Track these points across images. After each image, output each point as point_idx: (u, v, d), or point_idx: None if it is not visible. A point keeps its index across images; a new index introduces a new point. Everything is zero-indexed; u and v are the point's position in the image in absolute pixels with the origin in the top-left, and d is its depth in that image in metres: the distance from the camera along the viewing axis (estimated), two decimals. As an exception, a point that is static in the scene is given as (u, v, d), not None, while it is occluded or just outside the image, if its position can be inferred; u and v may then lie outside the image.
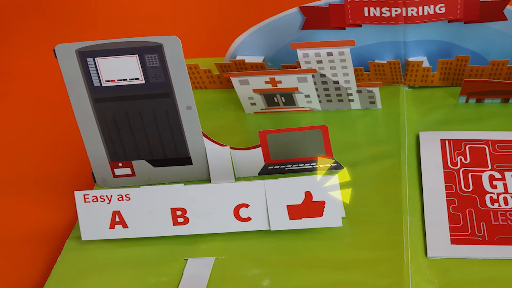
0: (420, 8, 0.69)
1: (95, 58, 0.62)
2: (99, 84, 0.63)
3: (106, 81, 0.63)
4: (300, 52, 0.68)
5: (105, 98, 0.64)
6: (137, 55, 0.62)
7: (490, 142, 0.68)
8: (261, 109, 0.76)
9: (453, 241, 0.57)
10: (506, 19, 0.70)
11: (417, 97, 0.78)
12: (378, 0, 0.69)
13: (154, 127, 0.65)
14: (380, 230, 0.58)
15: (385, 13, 0.70)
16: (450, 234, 0.58)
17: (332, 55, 0.68)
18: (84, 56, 0.62)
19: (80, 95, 0.64)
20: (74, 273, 0.57)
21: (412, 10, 0.69)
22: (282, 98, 0.74)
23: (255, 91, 0.72)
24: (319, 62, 0.69)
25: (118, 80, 0.63)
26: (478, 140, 0.69)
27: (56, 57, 0.62)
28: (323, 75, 0.71)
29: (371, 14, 0.71)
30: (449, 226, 0.59)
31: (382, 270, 0.53)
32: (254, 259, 0.56)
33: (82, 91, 0.64)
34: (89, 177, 0.68)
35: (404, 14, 0.69)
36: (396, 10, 0.69)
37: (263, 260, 0.56)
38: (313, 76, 0.70)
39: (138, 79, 0.63)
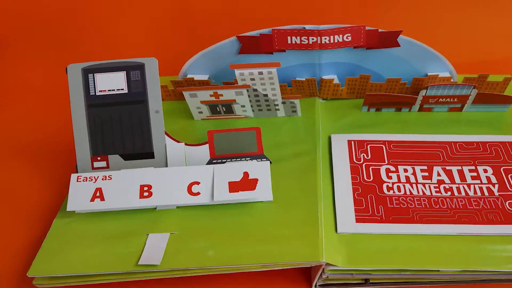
0: (332, 37, 0.74)
1: (95, 74, 0.71)
2: (93, 93, 0.71)
3: (99, 91, 0.71)
4: (237, 72, 0.73)
5: (96, 104, 0.70)
6: (125, 72, 0.71)
7: (386, 142, 0.74)
8: (207, 116, 0.80)
9: (357, 220, 0.63)
10: (399, 45, 0.76)
11: (329, 107, 0.83)
12: (298, 31, 0.73)
13: (129, 127, 0.70)
14: (300, 212, 0.63)
15: (304, 41, 0.74)
16: (355, 214, 0.64)
17: (262, 74, 0.73)
18: (87, 72, 0.71)
19: (79, 102, 0.70)
20: (61, 244, 0.62)
21: (325, 38, 0.73)
22: (223, 108, 0.79)
23: (201, 102, 0.77)
24: (252, 79, 0.73)
25: (108, 90, 0.71)
26: (377, 141, 0.75)
27: (66, 73, 0.71)
28: (255, 90, 0.75)
29: (293, 42, 0.75)
30: (354, 208, 0.65)
31: (302, 243, 0.59)
32: (201, 234, 0.61)
33: (80, 99, 0.71)
34: (72, 168, 0.73)
35: (319, 42, 0.74)
36: (312, 39, 0.74)
37: (209, 235, 0.61)
38: (247, 90, 0.75)
39: (123, 89, 0.71)
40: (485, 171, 0.70)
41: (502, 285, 0.61)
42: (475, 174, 0.70)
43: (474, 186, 0.68)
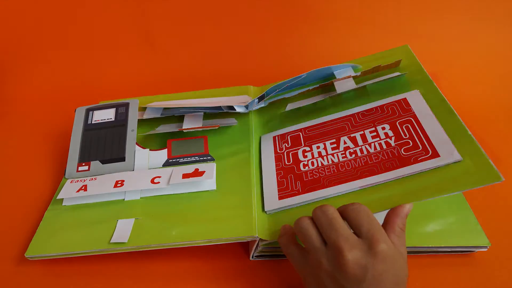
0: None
1: (94, 111, 0.85)
2: (90, 122, 0.82)
3: (94, 120, 0.83)
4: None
5: (90, 129, 0.81)
6: (115, 108, 0.85)
7: (302, 129, 0.76)
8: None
9: (280, 198, 0.67)
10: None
11: (260, 111, 0.85)
12: None
13: (111, 141, 0.79)
14: (237, 198, 0.68)
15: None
16: (278, 193, 0.67)
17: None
18: (88, 110, 0.85)
19: (79, 128, 0.82)
20: (51, 230, 0.68)
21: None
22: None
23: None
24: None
25: (101, 120, 0.83)
26: (295, 130, 0.77)
27: (74, 112, 0.84)
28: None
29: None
30: (278, 189, 0.68)
31: (239, 222, 0.64)
32: (159, 219, 0.67)
33: (80, 126, 0.82)
34: (61, 172, 0.81)
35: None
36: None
37: (165, 219, 0.66)
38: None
39: (111, 118, 0.83)
40: (383, 128, 0.70)
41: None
42: (375, 133, 0.70)
43: (374, 144, 0.69)
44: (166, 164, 0.76)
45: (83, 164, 0.77)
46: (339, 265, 0.50)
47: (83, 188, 0.72)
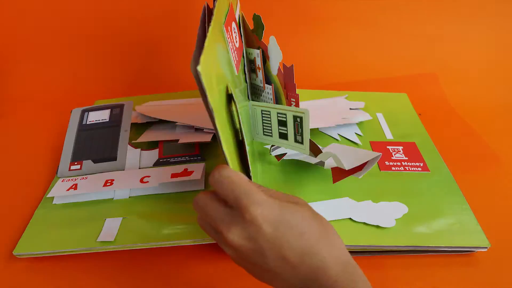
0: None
1: (89, 112, 0.89)
2: (85, 123, 0.86)
3: (89, 121, 0.86)
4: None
5: (85, 129, 0.85)
6: (109, 109, 0.89)
7: None
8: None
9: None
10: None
11: None
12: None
13: (103, 142, 0.82)
14: None
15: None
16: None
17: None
18: (83, 112, 0.89)
19: (74, 128, 0.85)
20: (41, 228, 0.68)
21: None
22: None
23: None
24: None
25: (95, 120, 0.86)
26: None
27: (70, 113, 0.89)
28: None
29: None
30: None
31: None
32: (147, 218, 0.68)
33: (75, 126, 0.86)
34: (53, 171, 0.82)
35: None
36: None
37: (152, 219, 0.67)
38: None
39: (105, 119, 0.87)
40: None
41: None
42: None
43: None
44: (157, 163, 0.78)
45: (76, 163, 0.79)
46: (233, 248, 0.46)
47: (73, 187, 0.73)
